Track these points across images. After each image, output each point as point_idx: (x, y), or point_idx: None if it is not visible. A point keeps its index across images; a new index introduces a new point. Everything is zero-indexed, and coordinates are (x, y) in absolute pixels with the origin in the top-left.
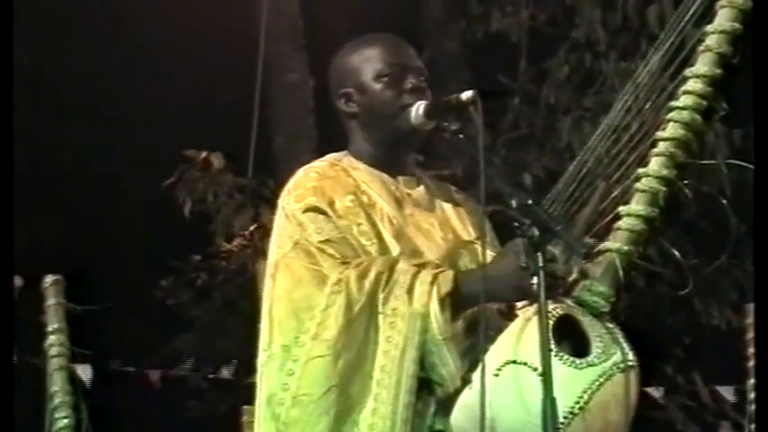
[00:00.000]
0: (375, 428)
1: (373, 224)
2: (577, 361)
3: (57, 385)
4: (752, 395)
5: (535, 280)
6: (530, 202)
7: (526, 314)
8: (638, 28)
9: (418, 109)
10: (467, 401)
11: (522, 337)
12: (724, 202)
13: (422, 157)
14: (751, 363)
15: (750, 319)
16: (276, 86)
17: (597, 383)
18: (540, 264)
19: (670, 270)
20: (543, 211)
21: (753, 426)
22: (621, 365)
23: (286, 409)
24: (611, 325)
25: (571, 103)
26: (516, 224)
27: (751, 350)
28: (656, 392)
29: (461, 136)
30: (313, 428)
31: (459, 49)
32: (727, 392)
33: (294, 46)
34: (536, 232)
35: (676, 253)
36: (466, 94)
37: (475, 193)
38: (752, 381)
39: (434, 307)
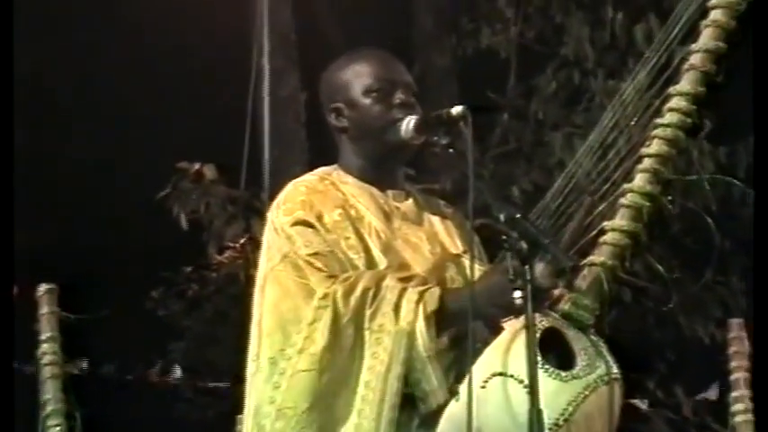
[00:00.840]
0: None
1: (361, 238)
2: (563, 373)
3: (49, 393)
4: (734, 407)
5: (518, 294)
6: (518, 215)
7: (513, 328)
8: (625, 46)
9: (408, 123)
10: (453, 412)
11: (508, 349)
12: (709, 220)
13: (412, 171)
14: (733, 376)
15: (733, 334)
16: (269, 100)
17: (582, 396)
18: (528, 277)
19: (657, 286)
20: (531, 224)
21: None
22: (605, 378)
23: (271, 421)
24: (595, 338)
25: (559, 119)
26: (504, 237)
27: (733, 364)
28: (641, 405)
29: (452, 150)
30: None
31: (449, 65)
32: (710, 405)
33: (287, 60)
34: (524, 245)
35: (660, 268)
36: (456, 109)
37: (464, 206)
38: (734, 394)
39: (420, 325)
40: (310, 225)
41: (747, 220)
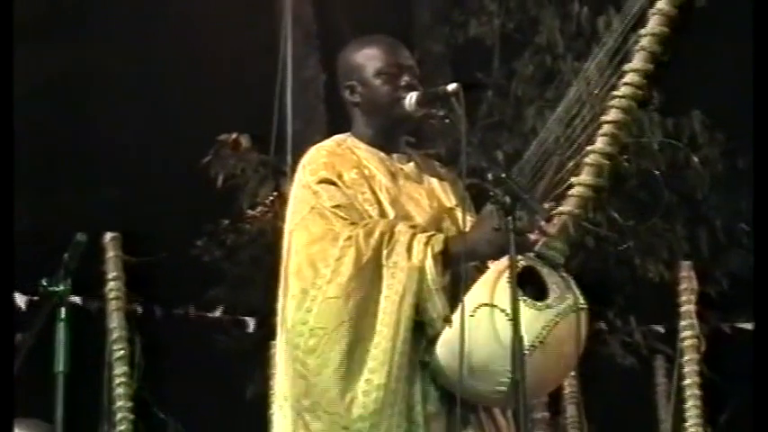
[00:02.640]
0: (377, 359)
1: (374, 192)
2: (538, 303)
3: (115, 322)
4: (683, 334)
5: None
6: (502, 175)
7: (497, 266)
8: (589, 35)
9: (411, 98)
10: (447, 337)
11: (493, 284)
12: (657, 173)
13: (413, 139)
14: (683, 308)
15: (683, 273)
16: (294, 80)
17: (554, 322)
18: (511, 226)
19: (615, 233)
20: (513, 181)
21: (684, 358)
22: (574, 307)
23: (305, 339)
24: (565, 274)
25: (535, 96)
26: (491, 193)
27: (683, 298)
28: (601, 331)
29: (447, 121)
30: (327, 355)
31: (443, 51)
32: (659, 331)
33: (309, 47)
34: (507, 199)
35: (618, 218)
36: (451, 86)
37: (456, 168)
38: (683, 323)
39: (429, 263)
40: (332, 182)
41: (690, 179)
